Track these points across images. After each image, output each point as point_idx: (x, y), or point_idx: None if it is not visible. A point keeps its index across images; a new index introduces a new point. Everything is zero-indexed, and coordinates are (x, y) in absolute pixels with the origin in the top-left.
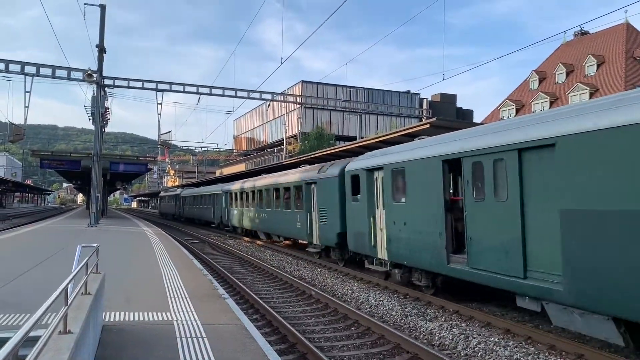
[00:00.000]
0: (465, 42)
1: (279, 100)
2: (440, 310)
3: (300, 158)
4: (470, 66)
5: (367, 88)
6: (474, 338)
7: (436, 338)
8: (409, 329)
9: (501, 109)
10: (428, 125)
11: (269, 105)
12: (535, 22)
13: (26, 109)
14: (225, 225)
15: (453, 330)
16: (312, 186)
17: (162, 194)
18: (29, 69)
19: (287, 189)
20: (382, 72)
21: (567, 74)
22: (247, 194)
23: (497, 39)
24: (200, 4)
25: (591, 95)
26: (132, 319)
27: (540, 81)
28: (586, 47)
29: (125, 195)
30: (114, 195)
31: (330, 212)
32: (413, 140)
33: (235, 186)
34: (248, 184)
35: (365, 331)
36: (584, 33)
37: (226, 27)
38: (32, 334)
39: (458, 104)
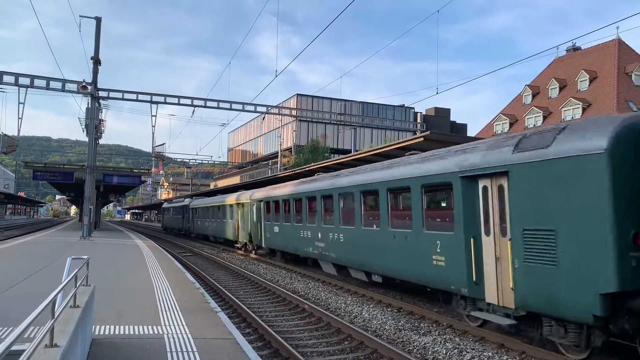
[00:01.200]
0: (459, 57)
1: (273, 113)
2: (434, 325)
3: (295, 171)
4: (464, 80)
5: (362, 101)
6: (468, 352)
7: (430, 352)
8: (403, 343)
9: (495, 123)
10: (422, 139)
11: (263, 118)
12: (528, 38)
13: (20, 120)
14: (258, 246)
15: (447, 344)
16: (488, 183)
17: (165, 205)
18: (23, 80)
19: (399, 190)
20: (377, 85)
21: (560, 89)
22: (299, 202)
23: (491, 55)
24: (197, 17)
25: (584, 110)
26: (122, 332)
27: (534, 96)
28: (579, 63)
29: (119, 208)
30: (107, 208)
31: (575, 238)
32: (406, 154)
33: (279, 192)
34: (304, 186)
35: (358, 345)
36: (576, 49)
37: (222, 40)
38: (16, 347)
39: (452, 118)
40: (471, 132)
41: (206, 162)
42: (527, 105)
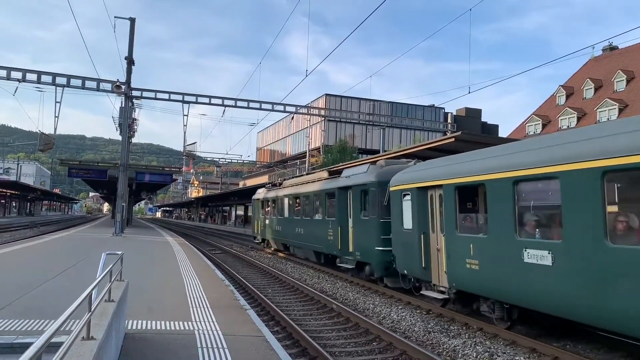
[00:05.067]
0: (491, 57)
1: (302, 113)
2: (464, 327)
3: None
4: (496, 80)
5: (391, 101)
6: (499, 356)
7: (460, 355)
8: (432, 345)
9: (527, 124)
10: (453, 139)
11: (292, 117)
12: (562, 38)
13: (56, 119)
14: None
15: (477, 347)
16: None
17: (261, 194)
18: (59, 80)
19: None
20: (407, 85)
21: (596, 90)
22: None
23: (524, 55)
24: (228, 18)
25: (620, 112)
26: (154, 327)
27: (568, 96)
28: (615, 63)
29: (150, 205)
30: (138, 205)
31: None
32: (438, 155)
33: None
34: None
35: (387, 347)
36: (612, 48)
37: (253, 41)
38: (55, 339)
39: (483, 119)
40: (503, 133)
41: (235, 161)
42: (560, 106)
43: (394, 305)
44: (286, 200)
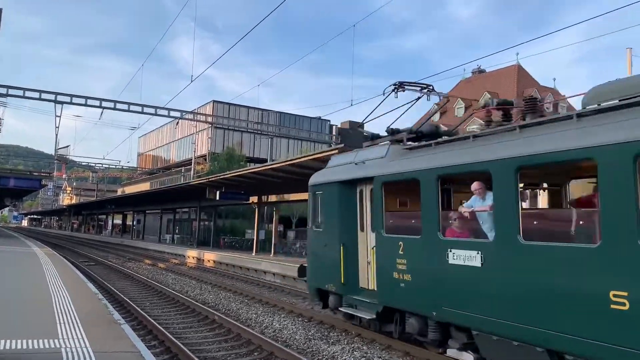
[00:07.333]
0: (375, 74)
1: (188, 119)
2: (343, 334)
3: (209, 179)
4: (376, 94)
5: (279, 111)
6: None
7: None
8: (312, 352)
9: None
10: (337, 151)
11: (177, 123)
12: (440, 60)
13: None
14: None
15: (355, 353)
16: None
17: (356, 168)
18: None
19: None
20: (295, 97)
21: (466, 108)
22: None
23: (406, 72)
24: (111, 16)
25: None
26: (13, 347)
27: (442, 114)
28: (483, 84)
29: (15, 213)
30: (1, 213)
31: None
32: (324, 166)
33: None
34: None
35: (268, 356)
36: (481, 71)
37: (138, 41)
38: None
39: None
40: None
41: (114, 166)
42: (436, 122)
43: (277, 314)
44: None
